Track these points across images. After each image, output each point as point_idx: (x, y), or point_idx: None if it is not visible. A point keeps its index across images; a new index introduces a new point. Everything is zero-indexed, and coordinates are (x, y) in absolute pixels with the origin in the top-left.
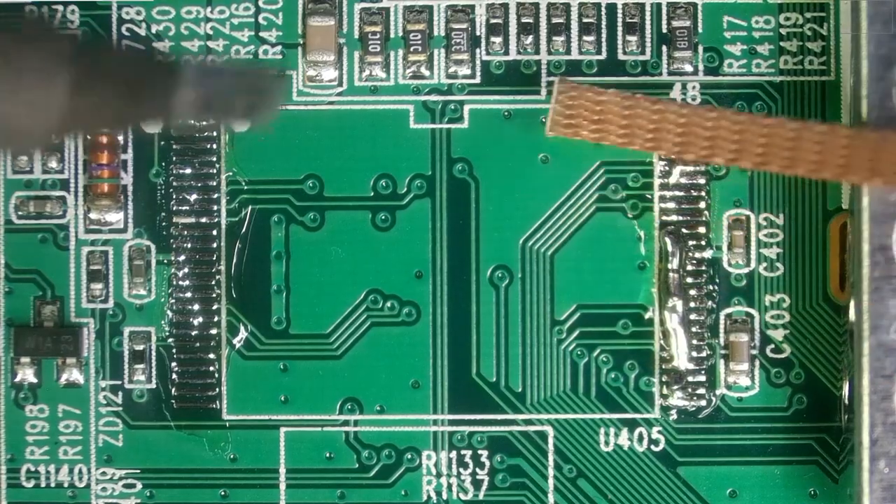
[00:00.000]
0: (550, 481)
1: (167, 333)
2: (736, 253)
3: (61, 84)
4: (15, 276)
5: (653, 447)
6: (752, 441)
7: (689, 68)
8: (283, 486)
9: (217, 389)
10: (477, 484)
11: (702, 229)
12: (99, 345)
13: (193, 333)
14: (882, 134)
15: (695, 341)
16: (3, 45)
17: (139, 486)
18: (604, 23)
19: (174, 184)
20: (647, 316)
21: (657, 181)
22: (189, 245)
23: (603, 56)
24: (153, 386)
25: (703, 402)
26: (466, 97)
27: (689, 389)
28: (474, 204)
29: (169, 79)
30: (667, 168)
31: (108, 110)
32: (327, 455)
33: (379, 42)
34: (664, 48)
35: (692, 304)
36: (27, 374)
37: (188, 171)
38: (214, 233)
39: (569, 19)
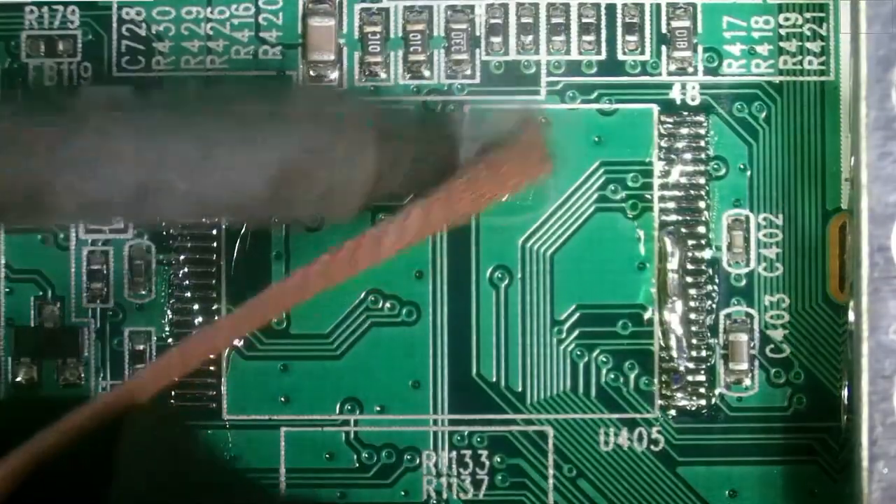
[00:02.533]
0: (550, 481)
1: (167, 333)
2: (735, 253)
3: (372, 149)
4: (15, 276)
5: (652, 447)
6: (752, 441)
7: (688, 68)
8: (283, 486)
9: (217, 389)
10: (477, 484)
11: (701, 229)
12: (99, 345)
13: (194, 333)
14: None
15: (695, 341)
16: (318, 109)
17: None
18: (603, 23)
19: None
20: (646, 316)
21: (657, 181)
22: (189, 245)
23: (602, 56)
24: None
25: (703, 402)
26: (466, 97)
27: (689, 389)
28: None
29: (450, 136)
30: (667, 168)
31: (401, 174)
32: (327, 455)
33: (379, 42)
34: (664, 48)
35: (692, 304)
36: (27, 375)
37: None
38: (214, 233)
39: (568, 19)
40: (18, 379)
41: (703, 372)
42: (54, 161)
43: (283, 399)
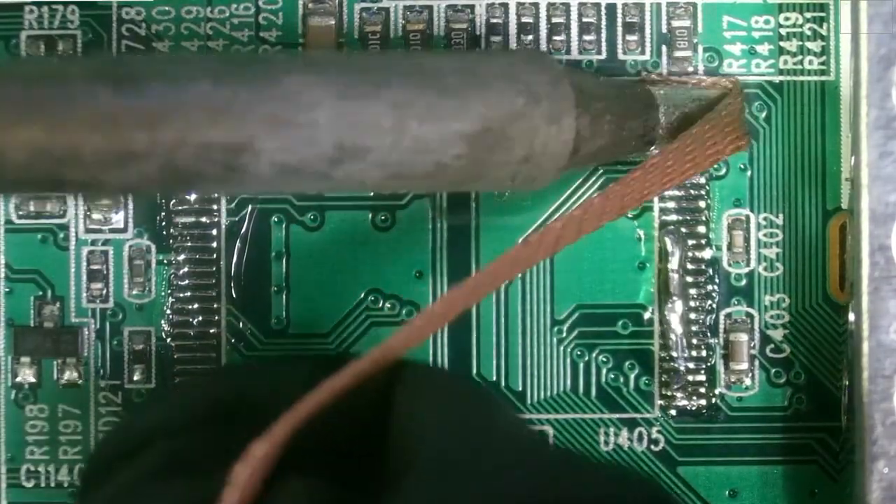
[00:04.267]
0: None
1: (167, 333)
2: (735, 253)
3: (571, 111)
4: (15, 276)
5: (652, 447)
6: (752, 441)
7: (689, 68)
8: None
9: None
10: None
11: (701, 229)
12: (99, 345)
13: (193, 333)
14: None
15: (695, 341)
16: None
17: None
18: (603, 22)
19: None
20: (646, 316)
21: None
22: (189, 245)
23: (603, 56)
24: (153, 386)
25: (703, 402)
26: None
27: (689, 389)
28: (474, 204)
29: (649, 100)
30: None
31: (601, 138)
32: None
33: (379, 42)
34: (664, 48)
35: (692, 304)
36: (27, 375)
37: None
38: (214, 233)
39: (569, 19)
40: (18, 379)
41: (703, 372)
42: (253, 121)
43: None
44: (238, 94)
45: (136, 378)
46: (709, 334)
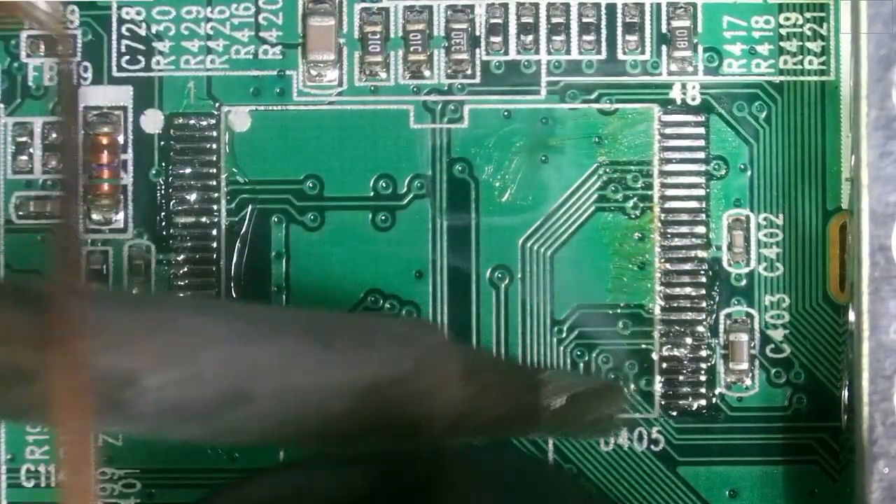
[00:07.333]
0: None
1: None
2: (736, 253)
3: (455, 384)
4: (15, 276)
5: (652, 447)
6: (752, 441)
7: (689, 68)
8: None
9: None
10: None
11: (701, 229)
12: None
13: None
14: None
15: (695, 341)
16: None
17: (139, 486)
18: (603, 23)
19: (174, 184)
20: (646, 316)
21: (657, 181)
22: (189, 245)
23: (603, 56)
24: None
25: (703, 402)
26: (466, 97)
27: (690, 389)
28: (474, 204)
29: (535, 383)
30: (667, 168)
31: (485, 414)
32: None
33: (379, 42)
34: (664, 48)
35: (692, 304)
36: None
37: (188, 170)
38: (214, 233)
39: (568, 19)
40: None
41: (703, 372)
42: (140, 354)
43: None
44: (132, 324)
45: None
46: (709, 334)
